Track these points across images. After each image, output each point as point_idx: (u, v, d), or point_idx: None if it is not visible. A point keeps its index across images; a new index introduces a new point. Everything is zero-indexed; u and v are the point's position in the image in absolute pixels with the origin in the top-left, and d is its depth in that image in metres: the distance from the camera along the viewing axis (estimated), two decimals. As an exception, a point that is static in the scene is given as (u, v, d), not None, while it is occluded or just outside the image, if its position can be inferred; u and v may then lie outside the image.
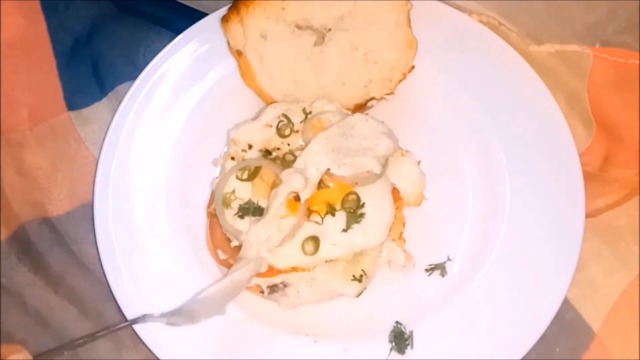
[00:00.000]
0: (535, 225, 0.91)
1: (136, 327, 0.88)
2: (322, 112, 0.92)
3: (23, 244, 0.96)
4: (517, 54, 0.97)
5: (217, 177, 0.93)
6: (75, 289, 0.94)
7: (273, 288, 0.88)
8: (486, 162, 0.96)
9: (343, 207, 0.85)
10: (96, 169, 0.95)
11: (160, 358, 0.87)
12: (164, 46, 0.98)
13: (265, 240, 0.84)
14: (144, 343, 0.88)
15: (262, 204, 0.87)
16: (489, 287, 0.90)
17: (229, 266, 0.89)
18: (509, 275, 0.90)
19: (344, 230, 0.84)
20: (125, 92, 0.97)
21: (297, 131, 0.91)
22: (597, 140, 0.96)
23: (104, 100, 1.03)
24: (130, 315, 0.88)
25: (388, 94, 0.97)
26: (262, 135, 0.92)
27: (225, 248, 0.90)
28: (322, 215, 0.84)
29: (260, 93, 0.98)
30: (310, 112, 0.92)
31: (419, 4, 0.94)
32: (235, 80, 0.99)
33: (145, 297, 0.89)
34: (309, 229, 0.84)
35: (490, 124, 0.96)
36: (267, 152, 0.90)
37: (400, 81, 0.97)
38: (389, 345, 0.88)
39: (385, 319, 0.89)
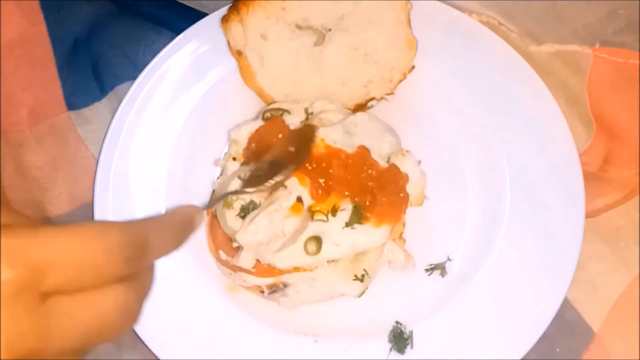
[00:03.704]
0: (535, 225, 0.91)
1: (136, 327, 0.88)
2: (324, 112, 0.92)
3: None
4: (517, 54, 0.97)
5: (218, 178, 0.93)
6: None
7: (273, 288, 0.88)
8: (486, 161, 0.96)
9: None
10: (96, 169, 0.94)
11: (160, 358, 0.87)
12: (164, 46, 0.98)
13: (266, 244, 0.84)
14: (143, 343, 0.88)
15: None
16: (489, 287, 0.90)
17: (230, 267, 0.89)
18: (509, 275, 0.90)
19: (347, 225, 0.84)
20: (125, 92, 0.97)
21: (297, 131, 0.91)
22: (597, 140, 0.96)
23: (104, 100, 1.03)
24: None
25: (388, 94, 0.97)
26: (263, 135, 0.91)
27: (227, 248, 0.90)
28: (326, 213, 0.84)
29: (260, 93, 0.98)
30: (311, 113, 0.92)
31: (419, 4, 0.94)
32: (235, 80, 0.98)
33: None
34: (311, 228, 0.84)
35: (490, 123, 0.96)
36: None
37: (400, 81, 0.97)
38: (389, 345, 0.88)
39: (385, 319, 0.89)
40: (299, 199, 0.84)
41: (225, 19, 0.95)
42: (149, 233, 0.50)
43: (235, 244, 0.88)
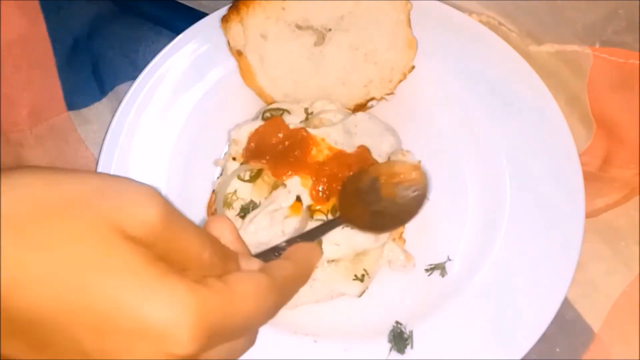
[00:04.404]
0: (535, 225, 0.91)
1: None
2: (324, 111, 0.92)
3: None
4: (517, 54, 0.97)
5: (218, 178, 0.93)
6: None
7: (273, 288, 0.88)
8: (486, 161, 0.96)
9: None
10: (96, 169, 0.94)
11: (160, 358, 0.87)
12: (164, 46, 0.98)
13: (267, 243, 0.84)
14: (144, 343, 0.88)
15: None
16: (489, 287, 0.90)
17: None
18: (509, 275, 0.90)
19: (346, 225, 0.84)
20: (125, 92, 0.97)
21: (297, 131, 0.91)
22: (597, 140, 0.96)
23: (104, 100, 1.03)
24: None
25: (388, 94, 0.97)
26: (263, 135, 0.91)
27: (226, 248, 0.89)
28: (326, 213, 0.84)
29: (260, 93, 0.98)
30: (311, 112, 0.92)
31: (419, 4, 0.94)
32: (235, 80, 0.98)
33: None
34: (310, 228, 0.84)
35: (489, 123, 0.96)
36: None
37: (400, 81, 0.97)
38: (389, 345, 0.88)
39: (385, 319, 0.89)
40: (298, 198, 0.84)
41: (225, 19, 0.95)
42: (291, 290, 0.53)
43: (235, 244, 0.88)
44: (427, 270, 0.92)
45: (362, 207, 0.83)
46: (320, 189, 0.84)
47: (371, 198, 0.83)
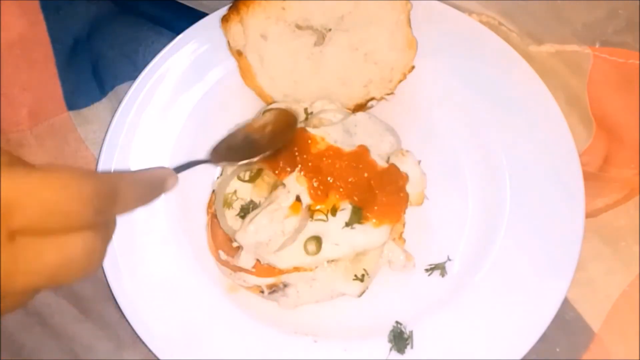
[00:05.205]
0: (535, 225, 0.91)
1: (136, 326, 0.88)
2: (324, 111, 0.92)
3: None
4: (517, 54, 0.97)
5: (218, 178, 0.93)
6: (75, 289, 0.94)
7: (273, 288, 0.89)
8: (486, 161, 0.96)
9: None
10: (96, 169, 0.94)
11: (160, 358, 0.87)
12: (164, 46, 0.98)
13: (266, 244, 0.84)
14: (143, 343, 0.88)
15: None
16: (489, 287, 0.90)
17: (230, 267, 0.89)
18: (509, 275, 0.90)
19: (347, 225, 0.84)
20: (125, 92, 0.97)
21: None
22: (597, 140, 0.96)
23: (104, 100, 1.03)
24: (130, 315, 0.88)
25: (388, 94, 0.97)
26: (263, 135, 0.91)
27: (227, 248, 0.90)
28: (326, 213, 0.84)
29: (260, 93, 0.98)
30: (311, 112, 0.92)
31: (419, 4, 0.94)
32: (235, 80, 0.99)
33: (145, 297, 0.89)
34: (311, 228, 0.84)
35: (490, 123, 0.96)
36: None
37: (400, 81, 0.97)
38: (389, 345, 0.88)
39: (385, 319, 0.90)
40: (298, 198, 0.84)
41: (225, 19, 0.95)
42: (120, 187, 0.52)
43: (235, 244, 0.88)
44: (427, 270, 0.92)
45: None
46: (315, 184, 0.84)
47: (246, 154, 0.83)
